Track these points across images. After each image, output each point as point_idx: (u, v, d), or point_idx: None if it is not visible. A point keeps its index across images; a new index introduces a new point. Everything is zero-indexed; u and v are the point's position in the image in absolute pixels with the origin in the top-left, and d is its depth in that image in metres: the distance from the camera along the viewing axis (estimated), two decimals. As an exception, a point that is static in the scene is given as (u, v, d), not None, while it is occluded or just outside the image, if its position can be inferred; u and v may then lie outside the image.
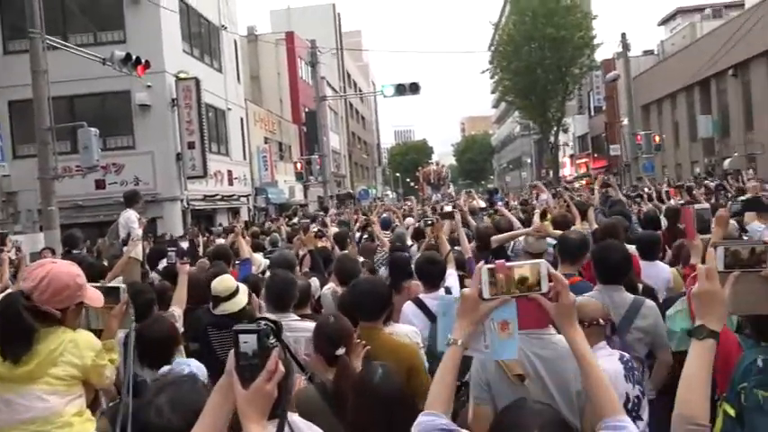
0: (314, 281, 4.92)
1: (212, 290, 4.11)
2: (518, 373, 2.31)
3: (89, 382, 2.52)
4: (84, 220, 15.74)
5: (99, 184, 16.63)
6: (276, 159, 27.75)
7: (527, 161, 63.10)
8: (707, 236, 4.12)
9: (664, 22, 45.30)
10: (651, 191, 10.88)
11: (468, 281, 4.99)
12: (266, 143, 26.79)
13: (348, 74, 51.07)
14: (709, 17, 37.39)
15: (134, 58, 12.39)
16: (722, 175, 19.64)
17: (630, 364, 2.32)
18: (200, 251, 7.89)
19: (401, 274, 4.94)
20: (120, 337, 3.35)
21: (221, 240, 10.11)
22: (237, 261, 6.51)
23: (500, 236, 5.07)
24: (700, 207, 4.72)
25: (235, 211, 22.61)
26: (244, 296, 4.20)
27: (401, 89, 20.54)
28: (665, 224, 6.93)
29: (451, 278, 4.44)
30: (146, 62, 12.83)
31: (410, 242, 7.68)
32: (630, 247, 4.85)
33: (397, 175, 78.98)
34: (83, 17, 16.58)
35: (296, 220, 15.46)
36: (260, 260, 6.57)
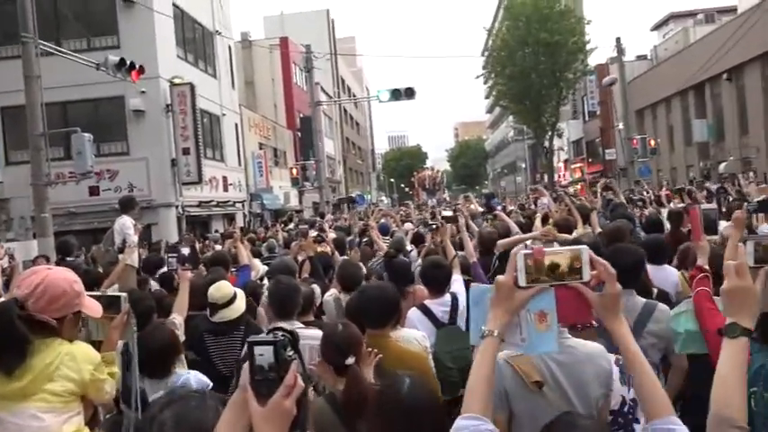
0: (314, 288, 4.81)
1: (209, 297, 4.01)
2: (536, 379, 2.24)
3: (87, 397, 2.34)
4: (78, 227, 15.59)
5: (93, 191, 16.48)
6: (271, 165, 27.64)
7: (521, 166, 63.21)
8: (714, 237, 4.06)
9: (657, 27, 45.54)
10: (649, 194, 10.86)
11: (474, 285, 4.93)
12: (261, 149, 26.68)
13: (342, 79, 51.07)
14: (702, 22, 37.65)
15: (128, 63, 12.28)
16: (718, 178, 19.69)
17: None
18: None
19: (403, 279, 4.87)
20: (118, 345, 3.24)
21: (218, 247, 10.01)
22: (234, 267, 6.44)
23: (506, 240, 4.98)
24: (706, 208, 4.65)
25: (230, 218, 22.47)
26: (242, 302, 4.10)
27: (396, 94, 20.56)
28: (667, 228, 6.88)
29: (457, 283, 4.36)
30: (140, 67, 12.70)
31: (409, 247, 7.64)
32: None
33: (392, 180, 78.99)
34: (76, 23, 16.46)
35: (292, 225, 15.39)
36: (259, 266, 6.48)
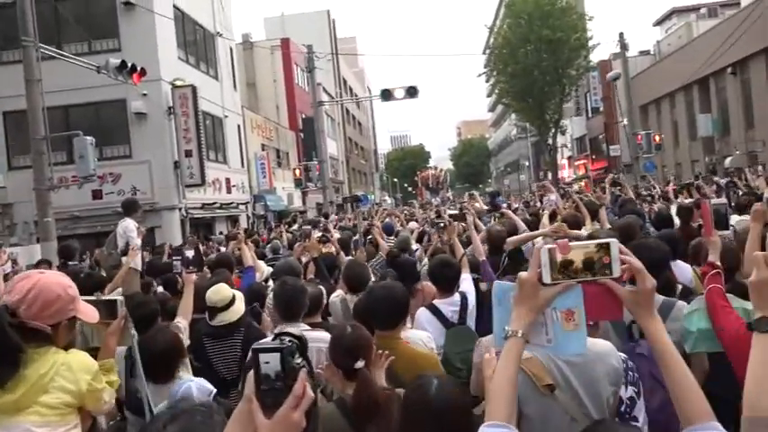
0: (322, 288, 4.73)
1: (207, 300, 3.94)
2: (548, 383, 2.16)
3: (85, 408, 2.20)
4: (82, 231, 15.58)
5: (96, 195, 16.44)
6: (274, 166, 27.59)
7: (525, 164, 63.02)
8: (725, 232, 3.96)
9: (659, 23, 45.36)
10: (657, 189, 10.74)
11: (483, 284, 4.84)
12: (264, 150, 26.63)
13: (344, 80, 51.01)
14: (705, 16, 37.48)
15: (129, 65, 12.22)
16: (724, 173, 19.54)
17: (626, 364, 2.22)
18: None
19: (410, 277, 4.79)
20: (120, 350, 3.13)
21: (222, 249, 9.95)
22: (238, 269, 6.36)
23: (516, 237, 4.88)
24: (716, 202, 4.54)
25: (234, 219, 22.42)
26: (241, 305, 4.03)
27: (399, 93, 20.45)
28: (676, 223, 6.77)
29: (466, 282, 4.28)
30: (141, 70, 12.65)
31: (414, 246, 7.58)
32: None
33: (395, 180, 78.89)
34: (77, 26, 16.41)
35: (296, 226, 15.33)
36: (263, 268, 6.40)
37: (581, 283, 1.43)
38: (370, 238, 8.71)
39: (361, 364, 2.35)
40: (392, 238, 8.07)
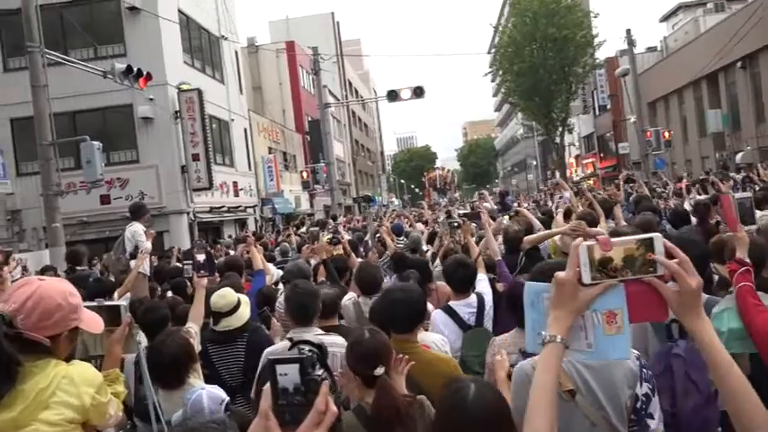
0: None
1: (212, 305, 3.86)
2: (569, 388, 2.10)
3: (89, 424, 2.04)
4: (90, 237, 15.58)
5: (104, 200, 16.44)
6: (281, 169, 27.55)
7: (532, 163, 62.79)
8: (752, 227, 3.82)
9: (665, 18, 45.03)
10: (670, 186, 10.59)
11: (500, 285, 4.73)
12: (271, 153, 26.60)
13: (349, 82, 50.97)
14: (712, 11, 37.11)
15: (135, 70, 12.19)
16: (735, 169, 19.29)
17: (639, 361, 2.17)
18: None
19: (423, 276, 4.70)
20: (129, 357, 3.03)
21: (231, 252, 9.88)
22: (248, 273, 6.28)
23: (533, 236, 4.76)
24: (741, 196, 4.40)
25: (242, 223, 22.39)
26: (246, 310, 3.95)
27: (406, 93, 20.37)
28: (693, 220, 6.64)
29: (483, 283, 4.17)
30: (147, 74, 12.62)
31: (425, 247, 7.50)
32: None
33: (402, 181, 78.77)
34: (82, 32, 16.41)
35: (304, 229, 15.26)
36: (273, 271, 6.33)
37: (623, 282, 1.32)
38: (378, 237, 8.66)
39: (381, 370, 2.24)
40: (402, 238, 7.98)
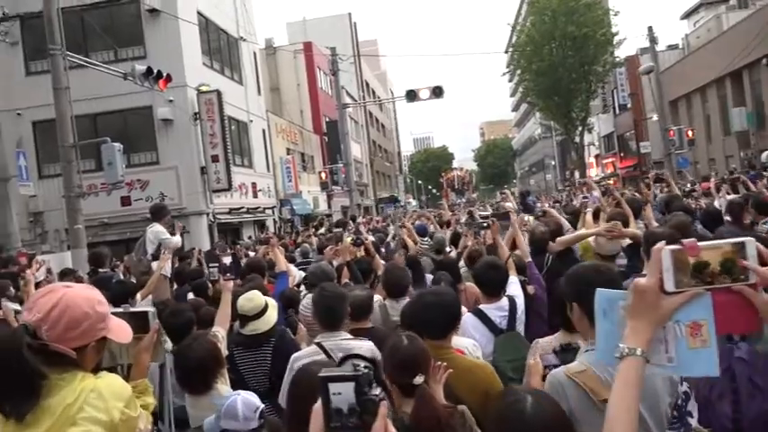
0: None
1: (239, 308, 3.78)
2: (606, 397, 2.00)
3: None
4: (111, 238, 15.65)
5: (125, 201, 16.52)
6: (299, 170, 27.56)
7: (551, 163, 62.25)
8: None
9: (687, 16, 44.35)
10: (697, 186, 10.35)
11: (530, 287, 4.59)
12: (289, 154, 26.62)
13: (366, 83, 50.93)
14: (735, 8, 36.47)
15: (155, 72, 12.23)
16: (761, 168, 18.88)
17: None
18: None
19: (453, 278, 4.59)
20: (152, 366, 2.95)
21: (251, 253, 9.83)
22: (270, 274, 6.20)
23: (566, 237, 4.61)
24: None
25: (260, 224, 22.41)
26: (273, 313, 3.85)
27: (424, 93, 20.26)
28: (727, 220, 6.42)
29: (514, 285, 4.03)
30: (167, 76, 12.65)
31: (448, 248, 7.37)
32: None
33: (419, 182, 78.56)
34: (103, 34, 16.51)
35: (323, 230, 15.20)
36: (295, 272, 6.25)
37: (710, 291, 1.19)
38: (397, 238, 8.56)
39: (420, 379, 2.12)
40: (426, 239, 7.86)
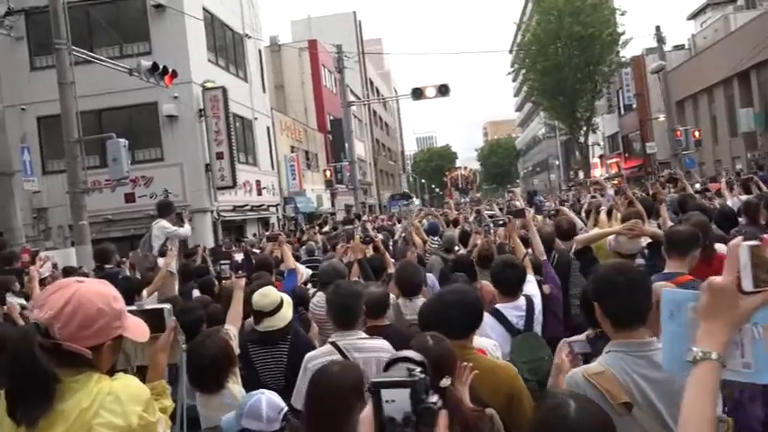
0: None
1: (254, 304, 3.67)
2: (624, 401, 1.98)
3: None
4: (115, 235, 15.59)
5: (128, 198, 16.44)
6: (303, 168, 27.48)
7: (555, 163, 62.08)
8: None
9: (694, 16, 44.17)
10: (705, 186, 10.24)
11: (546, 287, 4.48)
12: (293, 152, 26.53)
13: (371, 81, 50.83)
14: (743, 8, 36.27)
15: (161, 67, 12.15)
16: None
17: None
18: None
19: (468, 275, 4.50)
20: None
21: (256, 251, 9.73)
22: (277, 272, 6.11)
23: (585, 235, 4.51)
24: None
25: (264, 222, 22.32)
26: (289, 310, 3.76)
27: (430, 91, 20.16)
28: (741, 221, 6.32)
29: (531, 285, 3.94)
30: (173, 71, 12.58)
31: (456, 247, 7.28)
32: (720, 246, 4.35)
33: (423, 181, 78.44)
34: (108, 30, 16.43)
35: (327, 228, 15.10)
36: (303, 270, 6.16)
37: None
38: (404, 236, 8.47)
39: (447, 382, 2.00)
40: (436, 238, 7.76)
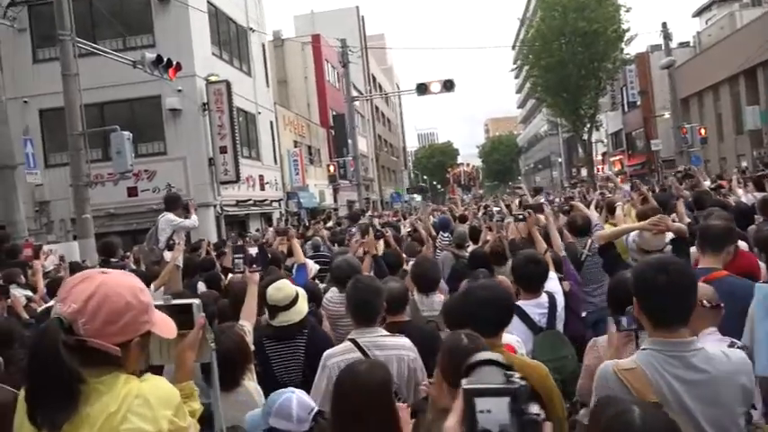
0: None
1: (268, 298, 3.57)
2: (652, 400, 1.89)
3: None
4: (118, 229, 15.47)
5: (131, 192, 16.32)
6: (306, 163, 27.35)
7: (557, 160, 61.89)
8: None
9: (699, 13, 43.93)
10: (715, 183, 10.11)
11: (566, 284, 4.36)
12: (296, 147, 26.39)
13: (373, 77, 50.63)
14: (749, 5, 36.04)
15: (165, 60, 12.02)
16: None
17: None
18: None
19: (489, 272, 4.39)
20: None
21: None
22: (285, 267, 6.01)
23: (608, 231, 4.38)
24: None
25: (267, 217, 22.21)
26: (304, 304, 3.66)
27: (435, 87, 20.02)
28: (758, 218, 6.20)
29: (553, 282, 3.82)
30: (177, 64, 12.45)
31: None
32: (742, 245, 4.25)
33: (424, 177, 78.31)
34: (112, 22, 16.29)
35: (331, 223, 15.00)
36: (311, 265, 6.05)
37: None
38: (411, 233, 8.39)
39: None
40: (446, 234, 7.65)
